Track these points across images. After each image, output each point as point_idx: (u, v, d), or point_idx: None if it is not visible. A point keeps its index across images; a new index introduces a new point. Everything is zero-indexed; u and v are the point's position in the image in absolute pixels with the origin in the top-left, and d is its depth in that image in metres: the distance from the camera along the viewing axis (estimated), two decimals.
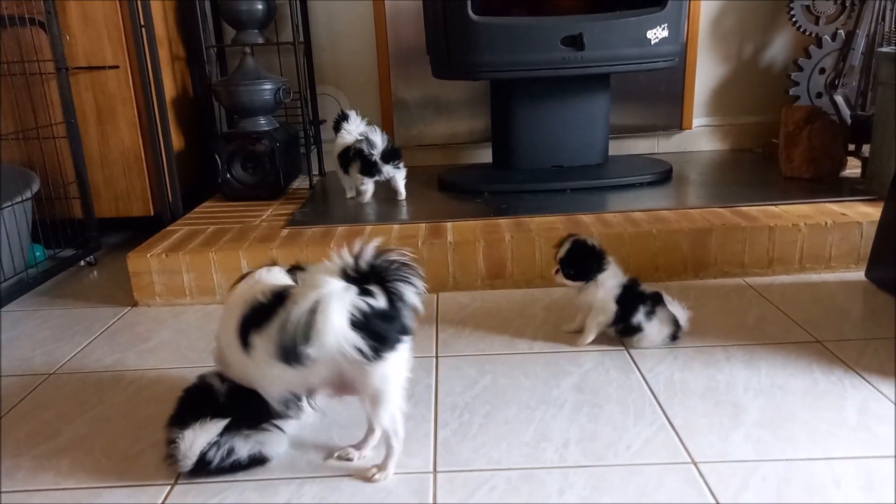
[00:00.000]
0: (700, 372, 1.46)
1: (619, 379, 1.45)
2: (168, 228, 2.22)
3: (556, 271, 1.60)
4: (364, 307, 1.04)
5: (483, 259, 1.97)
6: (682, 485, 1.11)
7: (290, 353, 1.04)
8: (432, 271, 1.97)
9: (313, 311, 1.00)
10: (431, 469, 1.18)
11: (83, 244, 2.34)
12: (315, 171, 2.82)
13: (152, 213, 2.43)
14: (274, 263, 1.26)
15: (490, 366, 1.54)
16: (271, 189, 2.51)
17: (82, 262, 2.35)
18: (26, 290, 2.06)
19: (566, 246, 1.59)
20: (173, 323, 1.86)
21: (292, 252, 1.95)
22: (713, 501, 1.06)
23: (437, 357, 1.59)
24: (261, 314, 1.12)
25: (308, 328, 1.00)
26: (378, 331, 1.06)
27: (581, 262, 1.58)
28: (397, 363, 1.11)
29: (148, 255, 1.95)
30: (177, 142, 2.51)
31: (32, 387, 1.53)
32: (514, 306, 1.86)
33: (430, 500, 1.10)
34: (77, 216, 2.34)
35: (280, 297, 1.10)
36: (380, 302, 1.06)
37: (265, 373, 1.13)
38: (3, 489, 1.16)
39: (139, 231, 2.37)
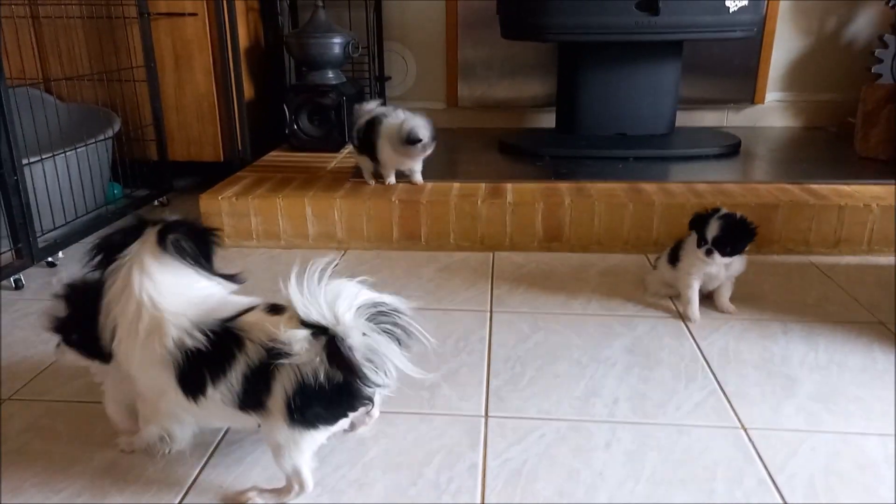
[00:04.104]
0: (755, 343, 1.45)
1: (672, 345, 1.46)
2: (237, 174, 2.30)
3: (709, 252, 1.53)
4: (310, 377, 0.90)
5: (541, 221, 1.98)
6: (729, 448, 1.12)
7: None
8: (490, 230, 2.00)
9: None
10: (483, 414, 1.22)
11: (157, 185, 2.45)
12: None
13: (222, 159, 2.52)
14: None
15: (543, 323, 1.56)
16: (336, 142, 2.56)
17: (156, 202, 2.47)
18: (105, 225, 2.18)
19: (717, 223, 1.52)
20: (241, 264, 1.94)
21: (355, 203, 2.00)
22: (761, 466, 1.08)
23: (490, 311, 1.63)
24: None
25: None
26: (310, 404, 0.92)
27: (735, 237, 1.53)
28: (314, 438, 0.97)
29: (219, 198, 2.03)
30: (248, 91, 2.57)
31: None
32: (569, 269, 1.88)
33: (482, 442, 1.15)
34: (152, 158, 2.44)
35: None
36: (334, 374, 0.89)
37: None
38: None
39: (208, 176, 2.46)
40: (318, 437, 0.98)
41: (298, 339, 0.88)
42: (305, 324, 0.88)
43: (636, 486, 1.04)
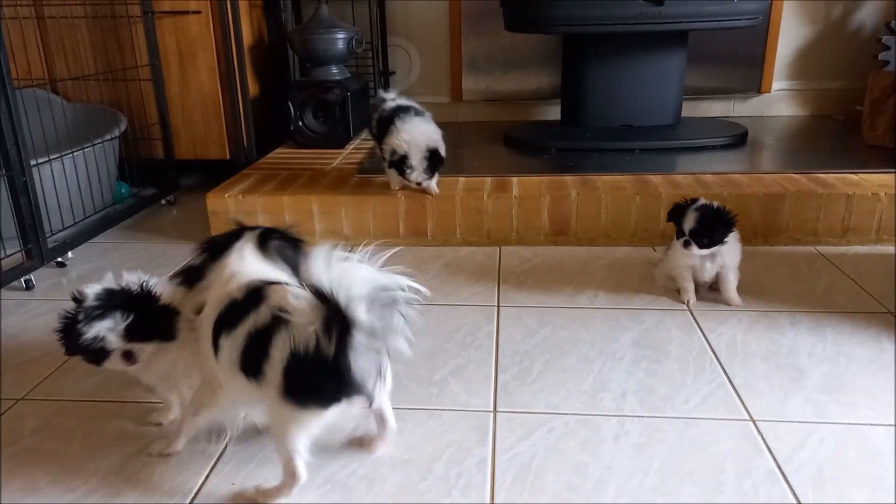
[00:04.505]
0: (763, 335, 1.45)
1: (680, 337, 1.46)
2: (243, 172, 2.31)
3: (686, 244, 1.52)
4: (302, 347, 0.89)
5: (547, 215, 1.98)
6: (738, 440, 1.12)
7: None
8: (496, 224, 2.00)
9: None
10: (492, 409, 1.23)
11: (164, 183, 2.46)
12: None
13: (228, 157, 2.52)
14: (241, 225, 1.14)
15: (550, 317, 1.56)
16: (341, 138, 2.56)
17: (163, 201, 2.48)
18: (112, 224, 2.20)
19: (693, 215, 1.51)
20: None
21: (361, 199, 2.00)
22: (770, 457, 1.08)
23: (498, 306, 1.63)
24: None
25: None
26: (301, 377, 0.91)
27: (711, 228, 1.51)
28: (305, 420, 0.96)
29: (226, 196, 2.04)
30: (252, 88, 2.58)
31: None
32: (576, 263, 1.88)
33: (490, 437, 1.15)
34: (158, 156, 2.45)
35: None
36: (326, 345, 0.87)
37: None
38: None
39: (214, 174, 2.47)
40: (307, 421, 0.96)
41: (299, 297, 0.90)
42: (314, 290, 0.88)
43: (645, 479, 1.04)
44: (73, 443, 1.18)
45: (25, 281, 1.79)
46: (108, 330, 1.04)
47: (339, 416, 0.97)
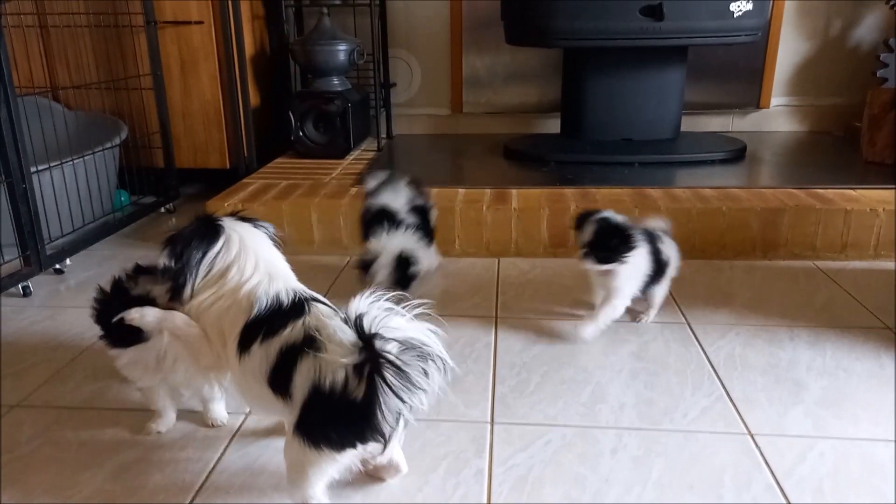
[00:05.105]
0: (762, 349, 1.45)
1: (679, 351, 1.45)
2: (244, 181, 2.31)
3: (584, 256, 1.44)
4: (328, 381, 0.87)
5: (546, 227, 1.98)
6: (736, 454, 1.12)
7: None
8: (495, 236, 2.00)
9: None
10: (489, 420, 1.22)
11: (164, 192, 2.46)
12: (383, 134, 2.87)
13: (228, 166, 2.53)
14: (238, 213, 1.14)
15: (549, 329, 1.56)
16: (341, 149, 2.57)
17: (163, 209, 2.48)
18: (112, 232, 2.19)
19: (591, 227, 1.43)
20: None
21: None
22: (768, 471, 1.07)
23: (496, 317, 1.63)
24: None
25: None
26: (319, 414, 0.89)
27: (607, 244, 1.41)
28: (319, 461, 0.92)
29: (225, 204, 2.04)
30: (253, 98, 2.59)
31: None
32: (575, 275, 1.87)
33: (488, 448, 1.15)
34: (159, 165, 2.45)
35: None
36: (354, 385, 0.85)
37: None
38: None
39: (214, 183, 2.48)
40: (324, 464, 0.91)
41: (336, 326, 0.90)
42: (357, 325, 0.86)
43: (643, 492, 1.04)
44: (69, 450, 1.17)
45: (23, 287, 1.79)
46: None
47: (351, 461, 0.94)
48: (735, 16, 2.26)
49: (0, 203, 1.77)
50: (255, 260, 1.04)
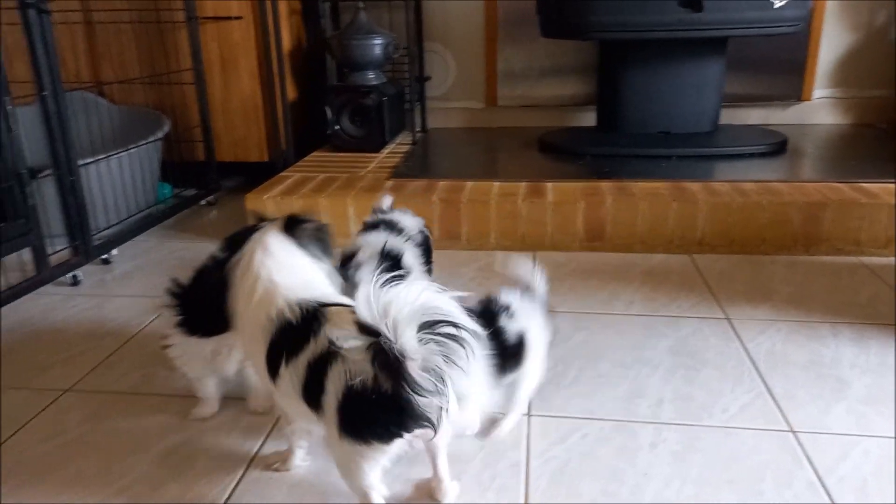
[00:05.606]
0: (804, 345, 1.43)
1: (718, 346, 1.44)
2: (282, 174, 2.34)
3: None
4: (359, 382, 0.85)
5: (582, 220, 1.98)
6: (777, 451, 1.11)
7: None
8: (531, 229, 2.00)
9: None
10: (525, 412, 1.23)
11: (204, 185, 2.51)
12: (418, 127, 2.88)
13: (266, 160, 2.57)
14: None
15: (585, 323, 1.56)
16: (376, 142, 2.59)
17: (203, 202, 2.53)
18: (154, 224, 2.25)
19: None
20: None
21: (396, 202, 2.02)
22: (810, 468, 1.06)
23: None
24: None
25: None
26: (358, 413, 0.88)
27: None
28: (367, 455, 0.91)
29: (264, 197, 2.07)
30: (291, 92, 2.62)
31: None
32: (611, 269, 1.87)
33: (525, 441, 1.15)
34: (200, 158, 2.50)
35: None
36: (383, 379, 0.83)
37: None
38: None
39: (253, 176, 2.52)
40: (372, 456, 0.90)
41: (347, 338, 0.87)
42: (359, 324, 0.83)
43: (683, 487, 1.04)
44: (117, 435, 1.21)
45: (72, 276, 1.85)
46: None
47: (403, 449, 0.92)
48: (776, 6, 2.21)
49: (50, 195, 1.82)
50: (259, 275, 1.00)
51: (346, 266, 1.44)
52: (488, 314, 1.11)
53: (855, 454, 1.09)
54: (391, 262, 1.34)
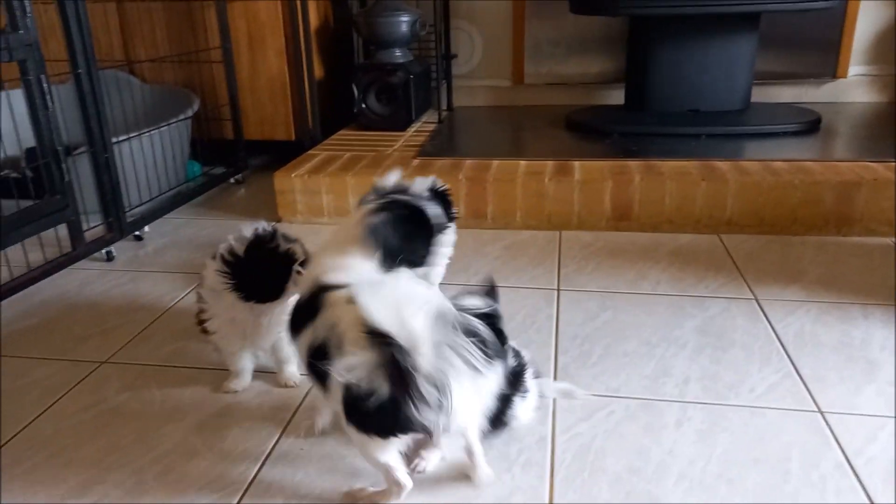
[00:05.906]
0: (833, 326, 1.42)
1: (746, 326, 1.43)
2: (309, 152, 2.36)
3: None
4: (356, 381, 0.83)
5: (610, 199, 1.97)
6: (805, 432, 1.10)
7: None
8: (557, 208, 1.99)
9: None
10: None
11: (233, 163, 2.54)
12: (444, 106, 2.87)
13: (293, 138, 2.58)
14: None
15: (611, 302, 1.56)
16: (403, 120, 2.59)
17: (232, 180, 2.56)
18: (184, 202, 2.28)
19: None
20: (313, 239, 1.99)
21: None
22: (838, 449, 1.06)
23: (558, 290, 1.63)
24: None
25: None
26: (357, 408, 0.86)
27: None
28: (374, 442, 0.90)
29: (292, 175, 2.09)
30: (318, 71, 2.63)
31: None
32: (638, 249, 1.86)
33: (550, 416, 1.16)
34: (228, 137, 2.53)
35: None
36: (381, 384, 0.82)
37: None
38: None
39: (280, 154, 2.54)
40: (380, 446, 0.90)
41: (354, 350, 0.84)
42: (369, 330, 0.81)
43: (708, 465, 1.04)
44: (153, 404, 1.25)
45: (107, 252, 1.89)
46: None
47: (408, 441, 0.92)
48: None
49: (85, 172, 1.86)
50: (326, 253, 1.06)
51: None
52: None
53: (883, 436, 1.08)
54: (415, 221, 1.18)
